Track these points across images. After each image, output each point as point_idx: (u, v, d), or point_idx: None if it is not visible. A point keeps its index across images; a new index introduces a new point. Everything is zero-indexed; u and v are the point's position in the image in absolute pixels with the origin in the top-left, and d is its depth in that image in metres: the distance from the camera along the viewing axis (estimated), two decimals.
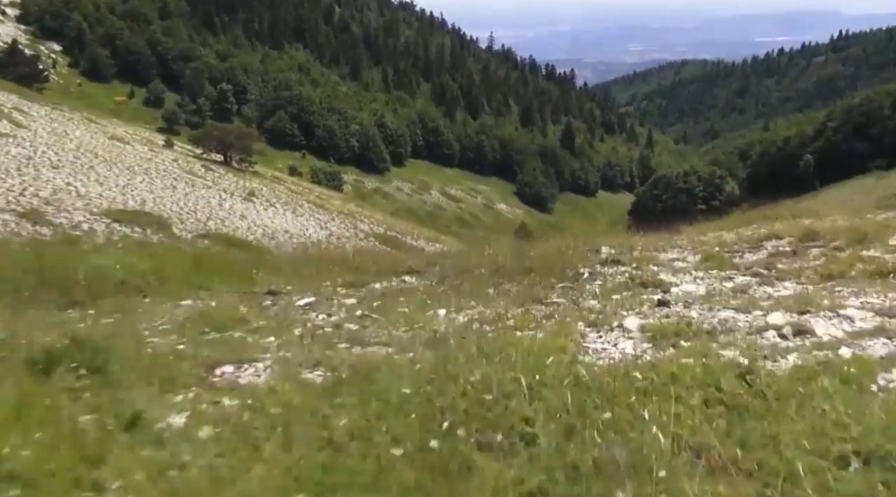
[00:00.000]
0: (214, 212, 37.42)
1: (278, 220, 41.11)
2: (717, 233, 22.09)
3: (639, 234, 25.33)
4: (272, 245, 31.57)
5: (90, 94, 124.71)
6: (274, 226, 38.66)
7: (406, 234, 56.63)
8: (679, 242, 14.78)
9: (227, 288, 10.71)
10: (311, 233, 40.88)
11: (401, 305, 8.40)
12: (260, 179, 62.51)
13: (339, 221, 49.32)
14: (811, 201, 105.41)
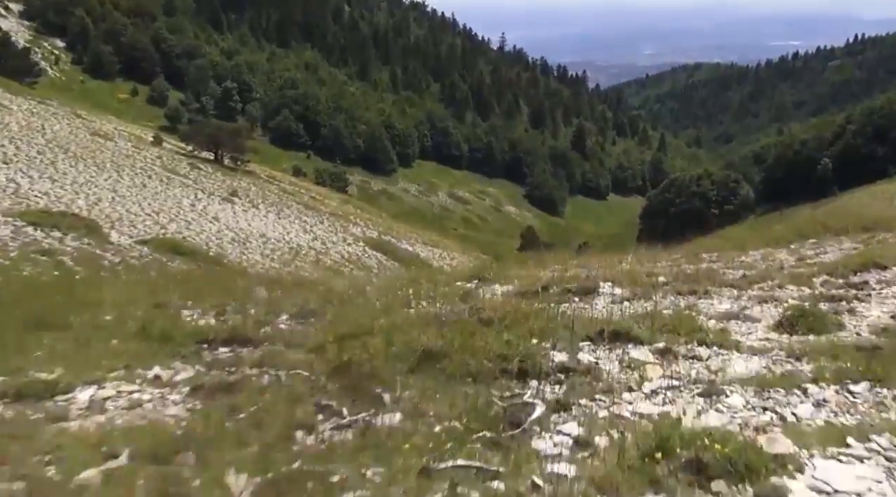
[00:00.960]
0: (182, 213, 33.74)
1: (257, 222, 37.37)
2: (764, 249, 18.09)
3: (653, 248, 21.30)
4: (234, 253, 27.88)
5: (92, 91, 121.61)
6: (249, 229, 34.93)
7: (403, 238, 52.77)
8: (727, 275, 10.78)
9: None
10: (291, 237, 37.08)
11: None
12: (252, 179, 58.81)
13: (328, 225, 45.50)
14: (834, 206, 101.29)
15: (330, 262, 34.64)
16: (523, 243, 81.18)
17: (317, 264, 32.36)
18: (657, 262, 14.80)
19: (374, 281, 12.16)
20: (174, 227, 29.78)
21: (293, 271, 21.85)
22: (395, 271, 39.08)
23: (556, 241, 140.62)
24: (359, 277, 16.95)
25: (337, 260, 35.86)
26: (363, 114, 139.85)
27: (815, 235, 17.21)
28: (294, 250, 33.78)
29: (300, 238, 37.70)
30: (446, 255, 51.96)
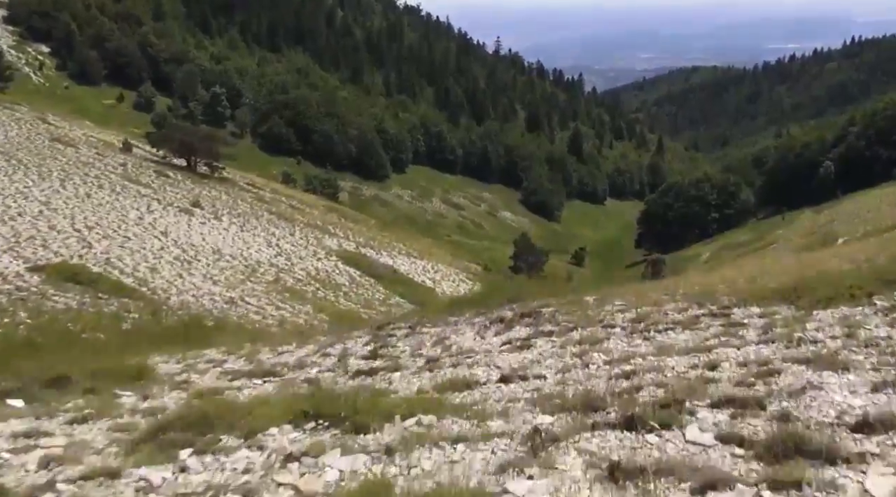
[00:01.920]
0: (124, 228, 30.00)
1: (213, 236, 33.64)
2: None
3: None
4: (166, 276, 24.14)
5: (77, 98, 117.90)
6: (201, 245, 31.19)
7: (384, 250, 48.91)
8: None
9: None
10: (251, 253, 33.29)
11: None
12: (226, 187, 54.98)
13: (300, 237, 41.68)
14: (833, 210, 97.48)
15: (291, 281, 30.82)
16: (517, 251, 77.30)
17: (274, 284, 28.56)
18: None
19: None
20: (102, 246, 26.04)
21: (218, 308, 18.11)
22: (369, 288, 35.34)
23: (553, 247, 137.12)
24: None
25: (301, 278, 32.05)
26: (355, 118, 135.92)
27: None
28: (249, 268, 29.97)
29: (261, 253, 33.93)
30: (430, 269, 48.16)
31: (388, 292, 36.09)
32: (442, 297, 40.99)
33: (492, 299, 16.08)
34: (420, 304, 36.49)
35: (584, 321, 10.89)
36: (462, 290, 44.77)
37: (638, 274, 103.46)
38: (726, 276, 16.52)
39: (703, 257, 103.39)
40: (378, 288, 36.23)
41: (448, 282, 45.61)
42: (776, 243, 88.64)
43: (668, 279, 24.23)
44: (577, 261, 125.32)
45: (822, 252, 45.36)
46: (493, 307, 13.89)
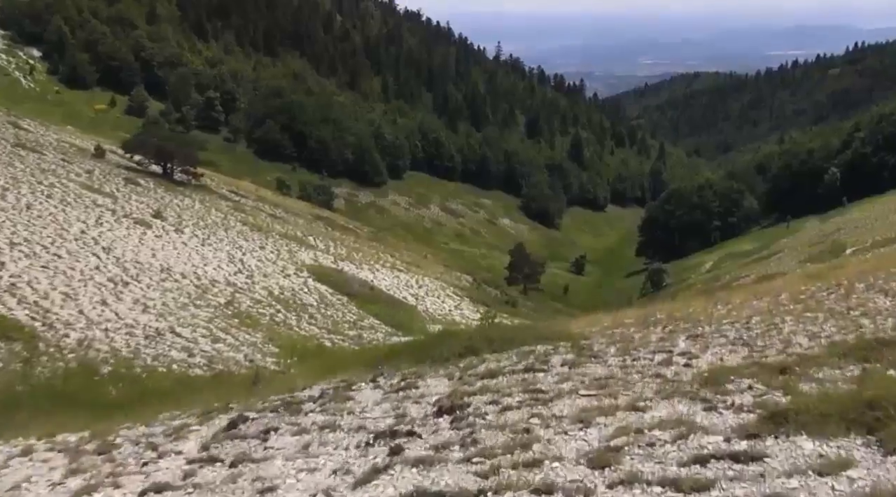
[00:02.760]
0: (58, 243, 26.62)
1: (166, 252, 30.26)
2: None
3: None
4: (81, 305, 20.73)
5: (68, 102, 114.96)
6: (150, 262, 27.82)
7: (366, 263, 45.42)
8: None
9: None
10: (207, 270, 29.86)
11: None
12: (203, 195, 51.58)
13: (271, 250, 38.23)
14: (840, 219, 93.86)
15: (248, 302, 27.37)
16: (513, 261, 73.76)
17: (225, 308, 25.10)
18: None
19: None
20: (18, 267, 22.63)
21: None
22: (340, 308, 31.90)
23: (552, 255, 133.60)
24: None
25: (260, 299, 28.59)
26: (352, 124, 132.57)
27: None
28: (200, 289, 26.53)
29: (220, 271, 30.50)
30: (415, 283, 44.67)
31: (362, 312, 32.64)
32: (423, 316, 37.58)
33: (438, 348, 12.58)
34: (398, 326, 33.08)
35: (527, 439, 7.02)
36: (447, 308, 41.31)
37: (638, 284, 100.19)
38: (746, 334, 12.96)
39: (705, 266, 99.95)
40: (351, 307, 32.77)
41: (433, 298, 42.15)
42: (781, 253, 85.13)
43: (665, 313, 20.73)
44: (576, 269, 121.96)
45: (843, 270, 41.85)
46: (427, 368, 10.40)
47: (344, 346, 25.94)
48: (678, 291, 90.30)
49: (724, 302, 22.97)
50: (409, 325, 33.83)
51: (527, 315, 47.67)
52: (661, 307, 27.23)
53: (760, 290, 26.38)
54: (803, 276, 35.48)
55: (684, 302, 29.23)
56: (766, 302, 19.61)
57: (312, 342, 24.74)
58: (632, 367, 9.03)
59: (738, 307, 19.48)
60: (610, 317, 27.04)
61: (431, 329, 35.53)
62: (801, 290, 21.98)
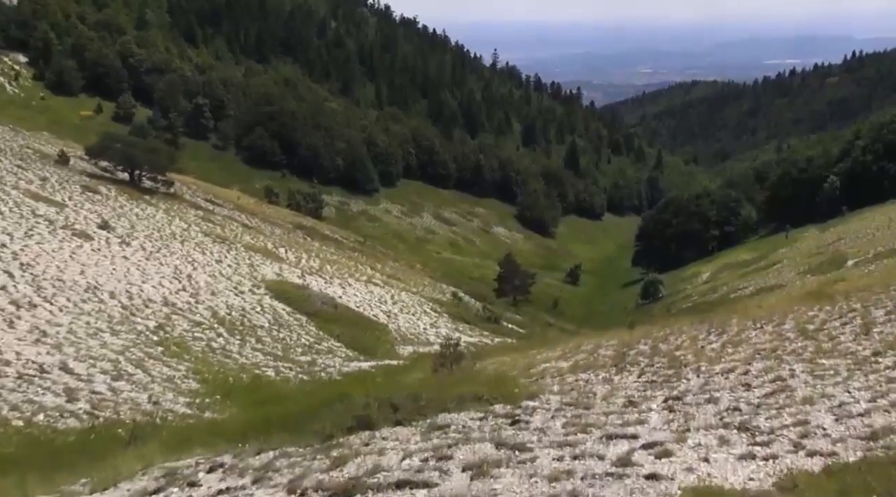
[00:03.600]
0: None
1: (100, 268, 27.12)
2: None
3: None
4: None
5: (53, 108, 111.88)
6: (75, 280, 24.65)
7: (338, 277, 42.17)
8: None
9: None
10: (145, 288, 26.67)
11: None
12: (170, 203, 48.41)
13: (230, 264, 35.02)
14: (840, 228, 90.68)
15: (185, 326, 24.15)
16: (502, 273, 70.52)
17: (152, 333, 21.86)
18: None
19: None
20: None
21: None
22: (296, 330, 28.67)
23: (547, 265, 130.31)
24: None
25: (202, 320, 25.37)
26: (343, 131, 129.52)
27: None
28: (128, 311, 23.36)
29: (160, 289, 27.29)
30: (390, 299, 41.42)
31: (321, 334, 29.41)
32: (394, 336, 34.33)
33: (322, 420, 9.39)
34: (361, 349, 29.82)
35: None
36: (421, 326, 38.07)
37: (634, 295, 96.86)
38: None
39: (702, 277, 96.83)
40: (309, 328, 29.52)
41: (407, 315, 38.90)
42: (780, 263, 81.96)
43: (650, 344, 17.48)
44: (571, 279, 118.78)
45: (847, 284, 38.56)
46: (282, 461, 7.16)
47: (289, 376, 22.68)
48: (674, 302, 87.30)
49: (719, 330, 19.77)
50: (374, 348, 30.61)
51: (510, 332, 44.46)
52: (647, 332, 24.02)
53: (760, 313, 23.19)
54: (806, 293, 32.24)
55: (675, 325, 26.02)
56: (769, 335, 16.44)
57: (251, 373, 21.47)
58: (568, 477, 5.78)
59: (735, 341, 16.29)
60: (590, 344, 23.86)
61: (401, 351, 32.33)
62: (809, 318, 18.78)
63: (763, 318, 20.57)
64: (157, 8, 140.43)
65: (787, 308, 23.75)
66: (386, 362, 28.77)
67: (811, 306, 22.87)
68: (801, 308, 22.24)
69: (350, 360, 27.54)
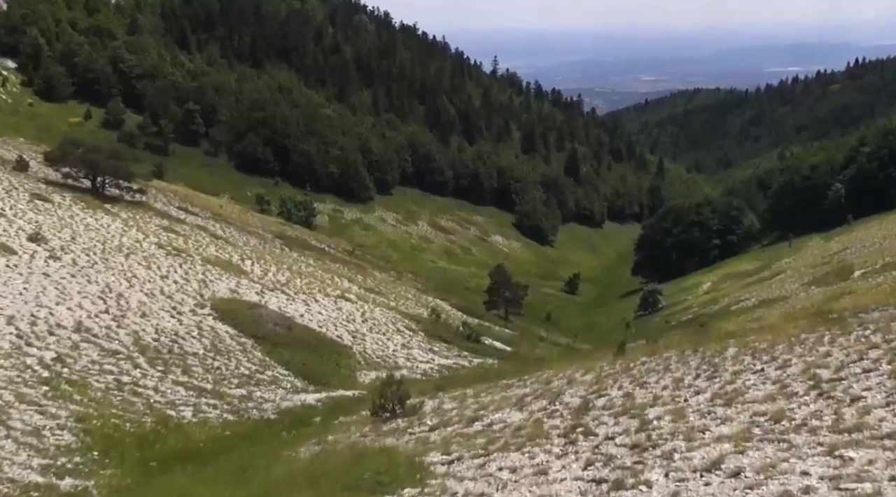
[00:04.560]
0: None
1: (11, 286, 23.70)
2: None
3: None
4: None
5: (41, 115, 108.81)
6: None
7: (305, 293, 38.67)
8: None
9: None
10: (58, 310, 23.17)
11: None
12: (133, 212, 45.02)
13: (176, 279, 31.51)
14: (845, 238, 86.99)
15: (93, 357, 20.67)
16: (492, 285, 66.97)
17: (47, 367, 18.38)
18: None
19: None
20: None
21: None
22: (237, 356, 25.17)
23: (546, 274, 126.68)
24: None
25: (117, 349, 21.88)
26: (338, 138, 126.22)
27: None
28: (22, 340, 19.89)
29: (79, 310, 23.81)
30: (360, 316, 37.88)
31: (268, 360, 25.87)
32: (358, 360, 30.81)
33: None
34: (313, 377, 26.30)
35: None
36: (391, 347, 34.50)
37: (633, 305, 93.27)
38: None
39: (703, 287, 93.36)
40: (253, 354, 25.99)
41: (377, 334, 35.34)
42: (783, 274, 78.39)
43: (624, 389, 13.82)
44: (570, 288, 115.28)
45: (856, 299, 34.90)
46: None
47: (210, 416, 19.17)
48: (673, 313, 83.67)
49: (710, 369, 16.23)
50: (329, 376, 27.06)
51: (492, 351, 40.86)
52: (629, 365, 20.49)
53: (761, 340, 19.62)
54: (813, 313, 28.65)
55: (664, 353, 22.48)
56: (770, 385, 12.82)
57: (160, 415, 17.97)
58: None
59: (727, 394, 12.63)
60: (561, 378, 20.35)
61: (362, 378, 28.80)
62: (820, 356, 15.20)
63: (764, 352, 17.04)
64: (150, 14, 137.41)
65: (792, 334, 20.30)
66: (339, 393, 25.28)
67: (821, 333, 19.41)
68: (808, 337, 18.78)
69: (295, 392, 24.01)
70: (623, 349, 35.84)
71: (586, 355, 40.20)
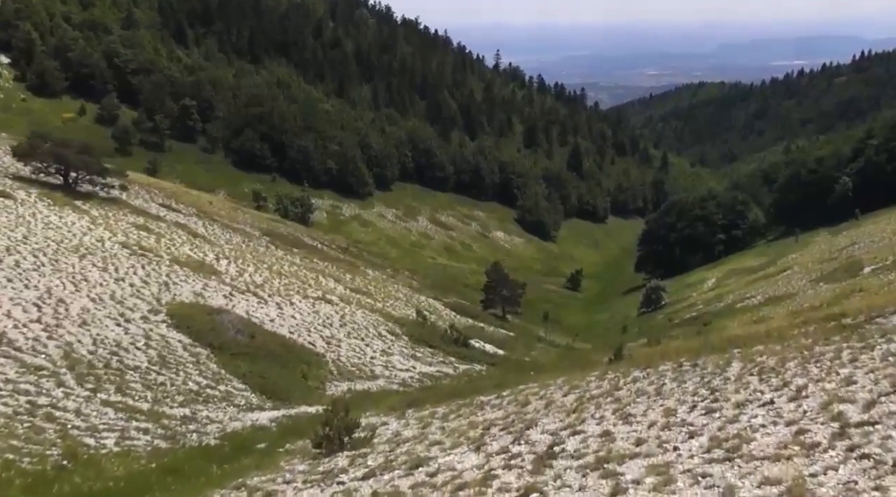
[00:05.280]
0: None
1: None
2: None
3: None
4: None
5: (35, 110, 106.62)
6: None
7: (279, 296, 36.00)
8: None
9: None
10: None
11: None
12: (106, 210, 42.42)
13: (133, 283, 28.85)
14: (853, 232, 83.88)
15: (12, 373, 18.12)
16: (489, 283, 64.22)
17: None
18: None
19: None
20: None
21: None
22: (186, 369, 22.56)
23: (548, 270, 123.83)
24: None
25: (43, 364, 19.28)
26: (337, 133, 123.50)
27: None
28: None
29: (4, 321, 21.22)
30: (338, 320, 35.19)
31: (223, 373, 23.23)
32: (330, 369, 28.19)
33: None
34: (274, 391, 23.67)
35: None
36: (369, 354, 31.80)
37: (636, 302, 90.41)
38: None
39: (708, 283, 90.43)
40: (207, 366, 23.34)
41: (354, 340, 32.67)
42: (790, 270, 75.35)
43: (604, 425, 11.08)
44: (572, 285, 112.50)
45: (868, 298, 32.01)
46: None
47: (137, 444, 16.52)
48: (677, 311, 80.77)
49: (709, 395, 13.57)
50: (292, 389, 24.37)
51: (481, 356, 38.14)
52: (617, 382, 17.87)
53: (769, 354, 16.98)
54: (825, 316, 25.86)
55: (660, 365, 19.97)
56: (783, 428, 10.12)
57: (72, 445, 15.33)
58: None
59: (728, 440, 9.93)
60: (539, 402, 17.68)
61: (332, 390, 26.14)
62: (842, 383, 12.52)
63: (773, 373, 14.37)
64: (147, 8, 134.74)
65: (804, 346, 17.60)
66: (299, 410, 22.65)
67: (838, 346, 16.69)
68: (824, 352, 16.09)
69: (249, 410, 21.34)
70: (620, 354, 33.08)
71: (580, 360, 37.42)
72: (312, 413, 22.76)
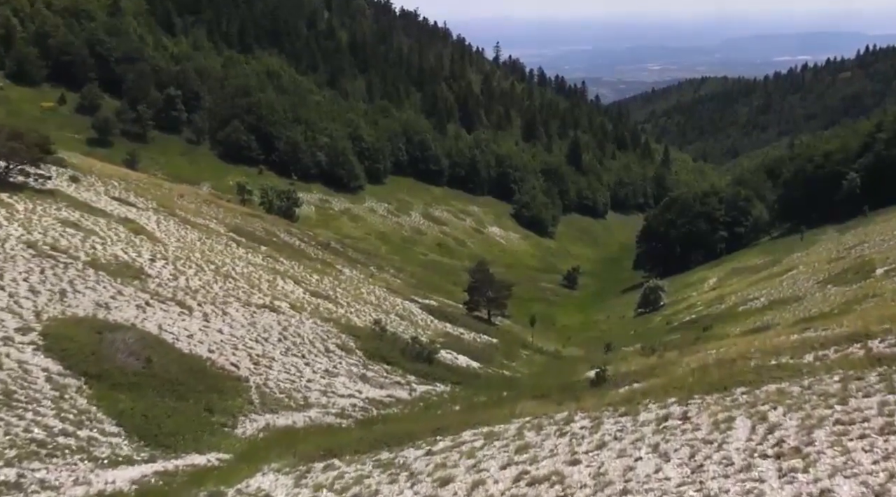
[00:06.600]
0: None
1: None
2: None
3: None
4: None
5: (12, 100, 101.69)
6: None
7: (212, 304, 30.83)
8: None
9: None
10: None
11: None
12: (33, 203, 37.33)
13: (9, 293, 23.63)
14: (862, 230, 78.42)
15: None
16: (473, 283, 58.98)
17: None
18: None
19: None
20: None
21: None
22: (40, 409, 17.47)
23: (545, 267, 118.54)
24: None
25: None
26: (327, 125, 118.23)
27: None
28: None
29: None
30: (279, 332, 30.02)
31: (92, 411, 18.07)
32: (252, 398, 22.98)
33: None
34: (158, 434, 18.50)
35: None
36: (306, 377, 26.60)
37: (633, 302, 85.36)
38: None
39: (709, 283, 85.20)
40: (74, 402, 18.20)
41: (293, 357, 27.48)
42: (795, 270, 70.03)
43: None
44: (569, 283, 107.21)
45: (887, 307, 26.75)
46: None
47: None
48: (675, 313, 75.64)
49: None
50: (184, 431, 19.16)
51: (449, 373, 32.96)
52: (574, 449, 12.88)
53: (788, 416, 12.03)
54: (847, 339, 20.65)
55: (645, 400, 15.07)
56: None
57: None
58: None
59: None
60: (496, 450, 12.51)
61: (243, 428, 20.94)
62: None
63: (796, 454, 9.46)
64: None
65: (832, 394, 12.75)
66: (188, 460, 17.53)
67: (882, 399, 11.91)
68: (862, 410, 11.36)
69: (112, 465, 16.19)
70: (603, 377, 28.04)
71: (562, 375, 32.12)
72: (203, 464, 17.64)
